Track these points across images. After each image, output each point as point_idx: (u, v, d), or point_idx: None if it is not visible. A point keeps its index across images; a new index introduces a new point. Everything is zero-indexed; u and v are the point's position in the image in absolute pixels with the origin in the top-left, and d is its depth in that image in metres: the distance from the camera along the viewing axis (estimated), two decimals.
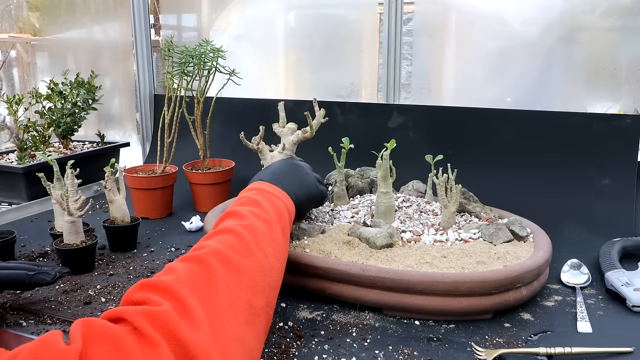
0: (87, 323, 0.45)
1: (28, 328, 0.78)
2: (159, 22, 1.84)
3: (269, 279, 0.64)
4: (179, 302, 0.51)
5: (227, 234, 0.65)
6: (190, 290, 0.53)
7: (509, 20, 1.37)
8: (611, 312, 0.80)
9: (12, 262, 0.83)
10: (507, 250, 0.84)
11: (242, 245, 0.64)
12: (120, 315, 0.47)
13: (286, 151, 0.98)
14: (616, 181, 1.19)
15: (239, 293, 0.58)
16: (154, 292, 0.51)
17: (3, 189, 1.40)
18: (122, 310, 0.48)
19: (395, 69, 1.46)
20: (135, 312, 0.48)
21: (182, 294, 0.51)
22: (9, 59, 1.99)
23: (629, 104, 1.27)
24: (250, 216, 0.70)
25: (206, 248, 0.61)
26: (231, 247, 0.62)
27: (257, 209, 0.73)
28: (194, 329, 0.49)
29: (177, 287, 0.52)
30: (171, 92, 1.28)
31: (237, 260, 0.61)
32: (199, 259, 0.59)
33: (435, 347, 0.71)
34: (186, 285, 0.53)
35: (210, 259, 0.59)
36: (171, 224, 1.24)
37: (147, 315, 0.47)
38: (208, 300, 0.54)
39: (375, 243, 0.86)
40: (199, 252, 0.60)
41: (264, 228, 0.70)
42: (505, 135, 1.31)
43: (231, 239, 0.64)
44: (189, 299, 0.51)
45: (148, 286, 0.52)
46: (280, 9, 1.65)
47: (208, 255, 0.59)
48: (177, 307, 0.50)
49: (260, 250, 0.65)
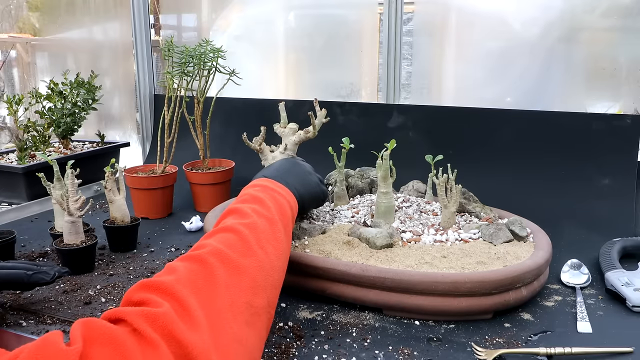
0: (87, 324, 0.45)
1: (28, 328, 0.77)
2: (159, 22, 1.84)
3: (271, 279, 0.64)
4: (178, 303, 0.51)
5: (228, 232, 0.65)
6: (190, 291, 0.53)
7: (509, 20, 1.37)
8: (611, 312, 0.80)
9: (11, 262, 0.83)
10: (507, 251, 0.84)
11: (243, 244, 0.63)
12: (120, 316, 0.47)
13: (288, 151, 0.98)
14: (616, 181, 1.19)
15: (239, 293, 0.57)
16: (153, 292, 0.51)
17: (3, 189, 1.40)
18: (121, 311, 0.48)
19: (395, 69, 1.46)
20: (134, 313, 0.47)
21: (181, 295, 0.51)
22: (9, 59, 1.99)
23: (629, 104, 1.27)
24: (252, 214, 0.70)
25: (207, 247, 0.61)
26: (232, 246, 0.62)
27: (259, 206, 0.72)
28: (193, 330, 0.49)
29: (177, 288, 0.52)
30: (171, 92, 1.28)
31: (237, 260, 0.60)
32: (199, 258, 0.58)
33: (435, 347, 0.71)
34: (186, 285, 0.53)
35: (211, 259, 0.58)
36: (171, 224, 1.24)
37: (147, 317, 0.47)
38: (208, 300, 0.54)
39: (375, 243, 0.86)
40: (199, 252, 0.60)
41: (266, 226, 0.69)
42: (505, 135, 1.31)
43: (232, 238, 0.64)
44: (188, 299, 0.51)
45: (148, 286, 0.52)
46: (280, 9, 1.65)
47: (208, 255, 0.59)
48: (177, 308, 0.50)
49: (261, 250, 0.65)
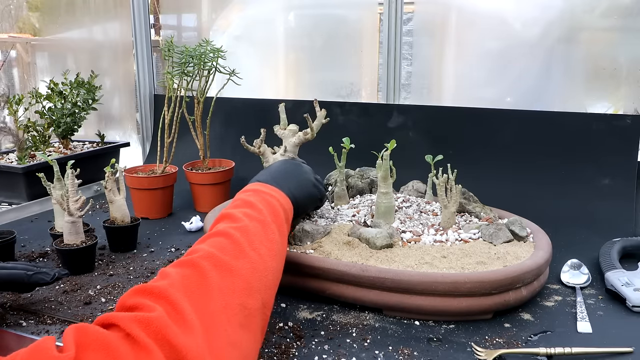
0: (80, 330, 0.45)
1: (28, 328, 0.78)
2: (159, 22, 1.83)
3: (265, 280, 0.64)
4: (172, 307, 0.51)
5: (220, 236, 0.65)
6: (183, 294, 0.53)
7: (509, 20, 1.37)
8: (611, 312, 0.80)
9: (11, 263, 0.83)
10: (507, 251, 0.84)
11: (235, 247, 0.63)
12: (113, 321, 0.47)
13: (288, 153, 0.98)
14: (616, 181, 1.19)
15: (232, 295, 0.57)
16: (147, 297, 0.51)
17: (3, 189, 1.40)
18: (114, 316, 0.48)
19: (395, 69, 1.46)
20: (127, 318, 0.47)
21: (175, 298, 0.51)
22: (9, 59, 1.99)
23: (629, 104, 1.27)
24: (243, 218, 0.70)
25: (199, 252, 0.61)
26: (223, 249, 0.62)
27: (250, 210, 0.73)
28: (187, 334, 0.49)
29: (169, 292, 0.52)
30: (171, 92, 1.28)
31: (229, 262, 0.61)
32: (191, 263, 0.59)
33: (435, 347, 0.71)
34: (179, 289, 0.53)
35: (203, 263, 0.59)
36: (171, 224, 1.24)
37: (140, 322, 0.47)
38: (201, 304, 0.54)
39: (375, 243, 0.86)
40: (191, 257, 0.60)
41: (258, 228, 0.69)
42: (505, 135, 1.31)
43: (223, 241, 0.64)
44: (182, 303, 0.51)
45: (141, 291, 0.52)
46: (280, 9, 1.65)
47: (200, 259, 0.59)
48: (170, 312, 0.50)
49: (254, 251, 0.65)
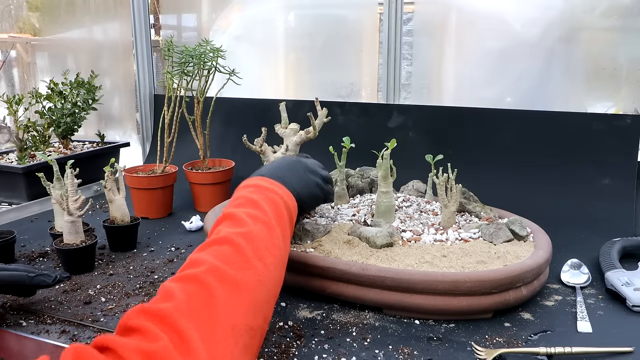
0: (79, 353, 0.44)
1: (28, 328, 0.77)
2: (159, 22, 1.84)
3: (268, 294, 0.62)
4: (177, 335, 0.49)
5: (224, 245, 0.63)
6: (189, 320, 0.51)
7: (509, 20, 1.37)
8: (611, 312, 0.80)
9: (12, 265, 0.83)
10: (507, 250, 0.84)
11: (241, 258, 0.61)
12: (113, 347, 0.46)
13: (289, 152, 0.99)
14: (616, 181, 1.19)
15: (239, 315, 0.56)
16: (151, 320, 0.50)
17: (3, 189, 1.40)
18: (115, 341, 0.46)
19: (395, 69, 1.46)
20: (129, 347, 0.46)
21: (180, 325, 0.50)
22: (9, 59, 1.99)
23: (629, 104, 1.27)
24: (248, 220, 0.67)
25: (203, 265, 0.59)
26: (229, 261, 0.60)
27: (255, 210, 0.70)
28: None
29: (175, 317, 0.50)
30: (171, 92, 1.28)
31: (235, 276, 0.59)
32: (196, 279, 0.56)
33: (435, 346, 0.71)
34: (185, 313, 0.52)
35: (208, 279, 0.56)
36: (171, 223, 1.24)
37: (143, 354, 0.46)
38: (209, 329, 0.52)
39: (376, 242, 0.86)
40: (195, 271, 0.58)
41: (264, 233, 0.67)
42: (506, 135, 1.31)
43: (228, 251, 0.62)
44: (188, 331, 0.50)
45: (146, 313, 0.51)
46: (280, 9, 1.65)
47: (206, 274, 0.57)
48: (176, 341, 0.48)
49: (259, 261, 0.63)
